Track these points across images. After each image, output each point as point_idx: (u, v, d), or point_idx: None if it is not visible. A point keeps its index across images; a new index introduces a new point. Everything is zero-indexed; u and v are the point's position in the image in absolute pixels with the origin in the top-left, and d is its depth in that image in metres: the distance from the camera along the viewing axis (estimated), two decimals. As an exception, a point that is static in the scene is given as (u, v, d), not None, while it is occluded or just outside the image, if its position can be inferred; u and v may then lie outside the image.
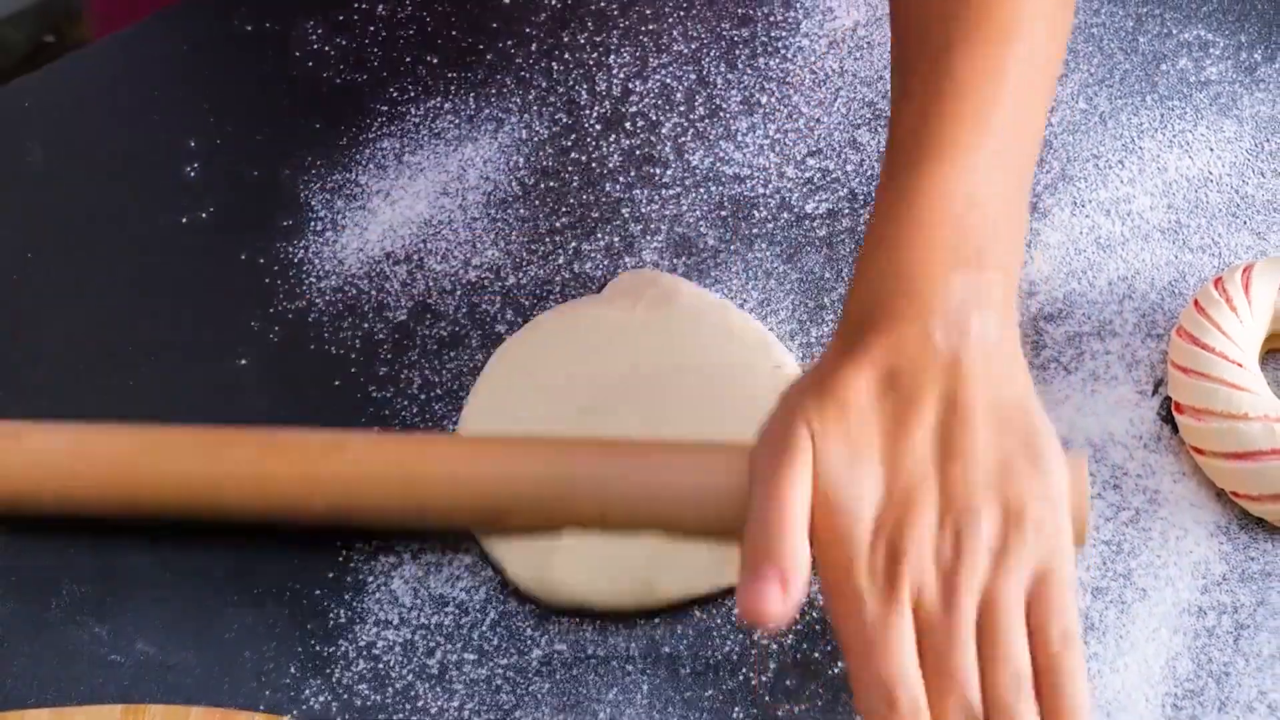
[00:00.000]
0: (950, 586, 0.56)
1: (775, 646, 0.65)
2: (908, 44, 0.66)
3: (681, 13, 0.84)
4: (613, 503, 0.63)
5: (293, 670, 0.65)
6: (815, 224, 0.77)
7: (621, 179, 0.78)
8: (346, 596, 0.67)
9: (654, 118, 0.80)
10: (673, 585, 0.65)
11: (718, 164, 0.79)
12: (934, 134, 0.62)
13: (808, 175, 0.78)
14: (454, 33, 0.84)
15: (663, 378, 0.70)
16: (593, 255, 0.76)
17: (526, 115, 0.81)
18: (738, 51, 0.83)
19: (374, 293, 0.75)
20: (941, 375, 0.59)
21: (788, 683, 0.64)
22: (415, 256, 0.76)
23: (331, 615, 0.66)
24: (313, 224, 0.78)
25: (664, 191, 0.78)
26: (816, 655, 0.64)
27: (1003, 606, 0.56)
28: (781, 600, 0.56)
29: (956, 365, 0.59)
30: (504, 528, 0.65)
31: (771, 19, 0.84)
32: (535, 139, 0.80)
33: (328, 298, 0.75)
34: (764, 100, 0.81)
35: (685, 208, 0.77)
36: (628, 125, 0.80)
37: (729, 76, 0.82)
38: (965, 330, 0.59)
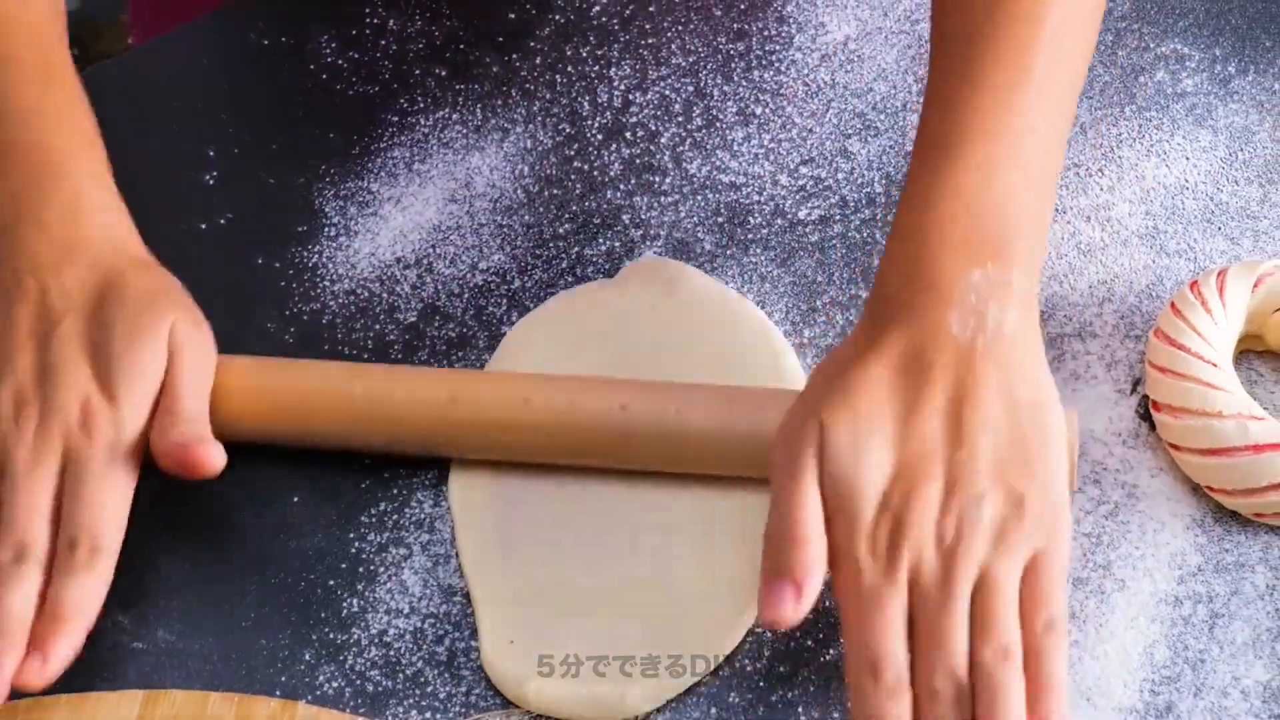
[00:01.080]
0: (949, 563, 0.57)
1: (770, 635, 0.64)
2: (941, 29, 0.65)
3: (680, 27, 0.84)
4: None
5: (307, 657, 0.65)
6: (808, 230, 0.76)
7: (622, 186, 0.78)
8: (359, 586, 0.67)
9: (653, 128, 0.80)
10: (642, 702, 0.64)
11: (714, 172, 0.79)
12: (955, 127, 0.62)
13: (800, 183, 0.78)
14: (462, 46, 0.84)
15: (667, 361, 0.70)
16: (594, 260, 0.76)
17: (531, 125, 0.81)
18: (733, 64, 0.82)
19: (385, 295, 0.75)
20: (954, 363, 0.59)
21: (781, 669, 0.64)
22: (424, 261, 0.76)
23: (344, 605, 0.66)
24: (326, 229, 0.78)
25: (663, 199, 0.78)
26: (810, 643, 0.64)
27: (997, 586, 0.57)
28: (795, 607, 0.57)
29: (970, 354, 0.59)
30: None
31: (766, 33, 0.84)
32: (539, 148, 0.80)
33: (341, 300, 0.75)
34: (759, 111, 0.81)
35: (683, 214, 0.77)
36: (628, 135, 0.80)
37: (725, 88, 0.82)
38: (982, 322, 0.59)
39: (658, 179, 0.78)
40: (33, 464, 0.61)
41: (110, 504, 0.62)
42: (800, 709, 0.63)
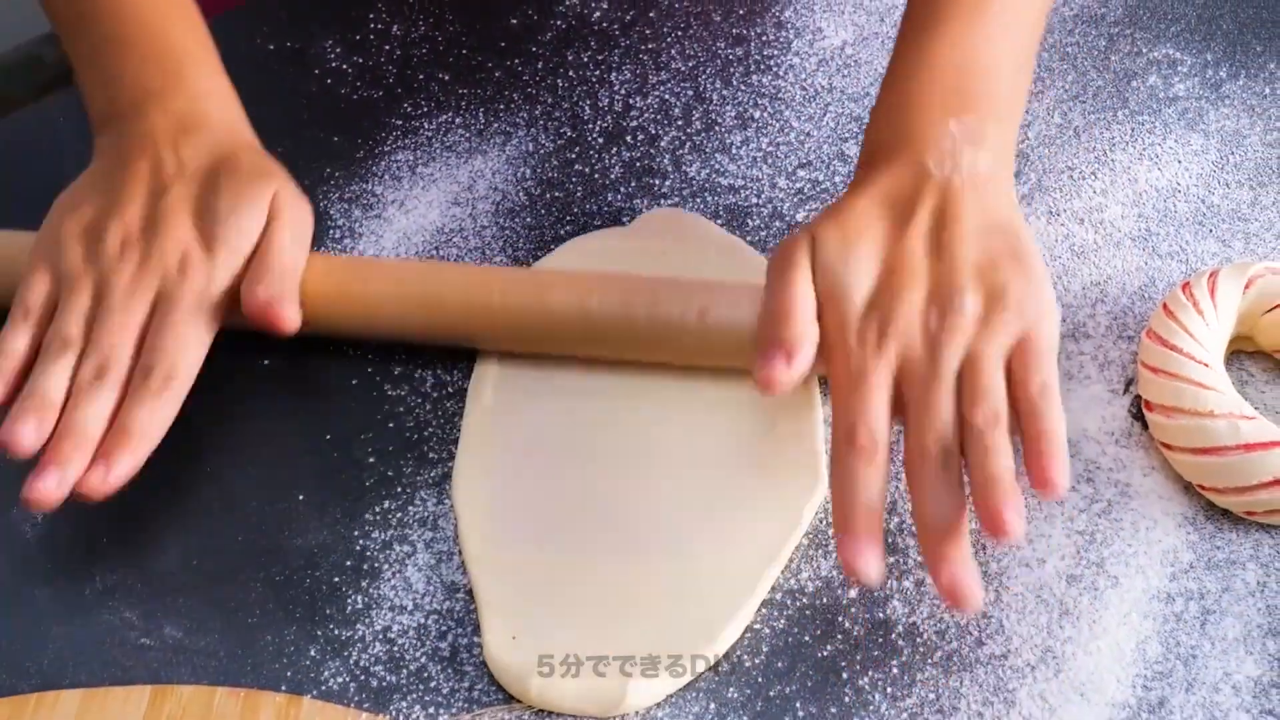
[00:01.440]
0: (935, 345, 0.60)
1: (768, 631, 0.65)
2: None
3: (679, 33, 0.84)
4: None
5: (313, 653, 0.65)
6: (805, 232, 0.77)
7: (622, 189, 0.78)
8: (363, 584, 0.67)
9: (653, 131, 0.80)
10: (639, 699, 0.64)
11: (713, 175, 0.79)
12: (936, 11, 0.67)
13: (798, 186, 0.78)
14: (465, 51, 0.84)
15: None
16: (595, 261, 0.76)
17: (533, 129, 0.81)
18: (732, 69, 0.83)
19: (389, 297, 0.75)
20: (934, 194, 0.63)
21: (779, 665, 0.64)
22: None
23: (349, 601, 0.66)
24: (331, 232, 0.78)
25: (663, 201, 0.78)
26: (806, 639, 0.64)
27: (983, 362, 0.60)
28: (787, 371, 0.61)
29: (947, 187, 0.63)
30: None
31: (764, 38, 0.84)
32: (541, 151, 0.80)
33: (345, 301, 0.75)
34: (757, 115, 0.81)
35: (683, 216, 0.77)
36: (628, 139, 0.80)
37: (724, 93, 0.82)
38: (957, 163, 0.64)
39: (658, 182, 0.79)
40: (127, 297, 0.66)
41: (190, 342, 0.66)
42: (798, 704, 0.63)
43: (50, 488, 0.62)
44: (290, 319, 0.67)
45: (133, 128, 0.70)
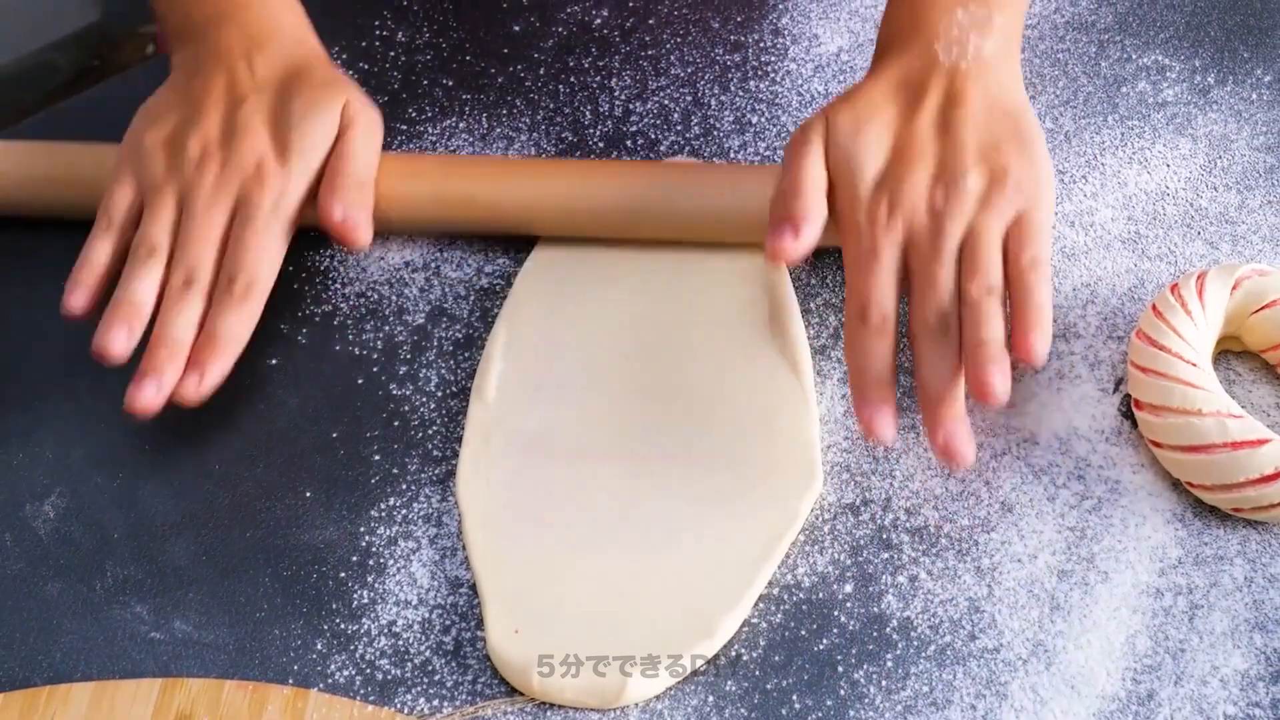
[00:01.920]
0: (938, 221, 0.64)
1: (765, 625, 0.65)
2: None
3: (678, 39, 0.84)
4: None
5: (319, 647, 0.65)
6: (802, 234, 0.77)
7: (623, 193, 0.78)
8: (369, 579, 0.67)
9: (653, 136, 0.80)
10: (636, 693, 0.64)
11: (712, 179, 0.79)
12: None
13: (795, 189, 0.78)
14: (468, 58, 0.84)
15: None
16: (596, 263, 0.76)
17: (535, 134, 0.81)
18: (730, 75, 0.83)
19: (394, 298, 0.75)
20: (942, 79, 0.67)
21: (776, 658, 0.64)
22: (432, 264, 0.76)
23: (355, 596, 0.66)
24: (337, 234, 0.78)
25: (662, 204, 0.78)
26: (803, 633, 0.64)
27: (981, 237, 0.63)
28: (794, 243, 0.64)
29: (956, 71, 0.66)
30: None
31: (761, 45, 0.84)
32: (543, 156, 0.80)
33: (351, 302, 0.75)
34: (754, 120, 0.81)
35: (682, 219, 0.77)
36: (628, 143, 0.80)
37: (722, 98, 0.82)
38: (964, 50, 0.67)
39: (657, 185, 0.78)
40: (209, 205, 0.68)
41: (267, 249, 0.68)
42: (794, 697, 0.63)
43: (150, 396, 0.65)
44: (364, 237, 0.69)
45: (207, 43, 0.72)
